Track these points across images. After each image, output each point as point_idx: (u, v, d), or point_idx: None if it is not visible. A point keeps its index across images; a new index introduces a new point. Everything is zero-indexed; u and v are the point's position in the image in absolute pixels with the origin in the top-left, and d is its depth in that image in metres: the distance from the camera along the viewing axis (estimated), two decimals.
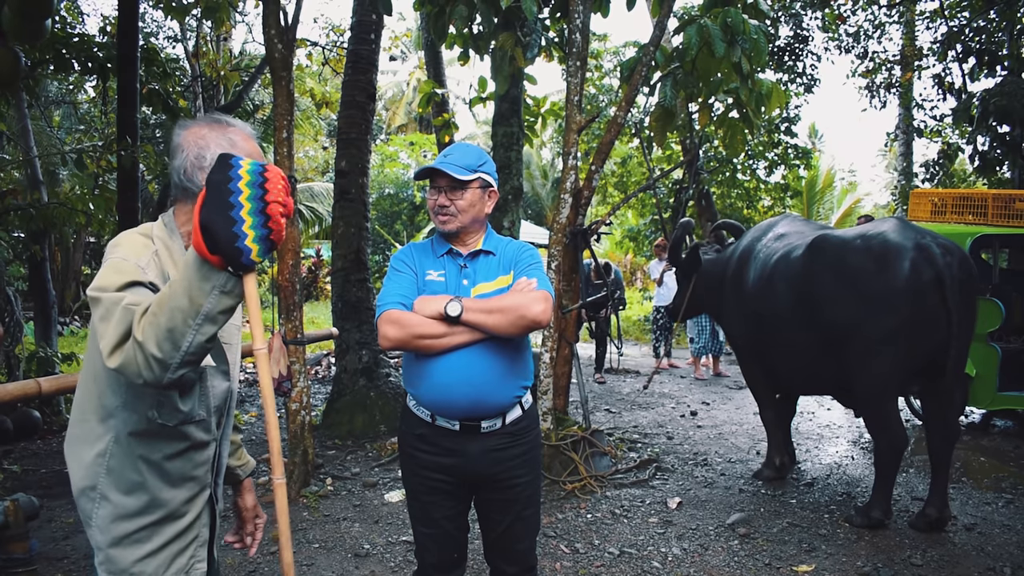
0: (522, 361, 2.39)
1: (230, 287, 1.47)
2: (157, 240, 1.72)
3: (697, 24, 5.03)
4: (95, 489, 1.69)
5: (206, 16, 6.30)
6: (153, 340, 1.41)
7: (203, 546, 1.83)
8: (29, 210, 7.35)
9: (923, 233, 4.22)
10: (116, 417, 1.67)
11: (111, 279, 1.55)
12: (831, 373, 4.53)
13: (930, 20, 13.24)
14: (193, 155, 1.71)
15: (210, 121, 1.78)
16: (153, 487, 1.70)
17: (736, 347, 5.56)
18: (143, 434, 1.68)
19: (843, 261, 4.31)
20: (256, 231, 1.44)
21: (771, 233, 5.20)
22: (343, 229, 6.99)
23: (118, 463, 1.68)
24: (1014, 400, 6.24)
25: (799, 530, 4.37)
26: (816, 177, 20.31)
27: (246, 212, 1.43)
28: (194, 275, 1.43)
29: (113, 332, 1.46)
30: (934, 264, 4.02)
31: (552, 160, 26.31)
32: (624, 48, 15.92)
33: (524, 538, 2.48)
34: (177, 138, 1.75)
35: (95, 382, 1.69)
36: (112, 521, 1.68)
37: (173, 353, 1.42)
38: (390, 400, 6.67)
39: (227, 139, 1.74)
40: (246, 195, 1.44)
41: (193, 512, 1.78)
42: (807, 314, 4.52)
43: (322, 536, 4.27)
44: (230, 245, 1.42)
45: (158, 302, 1.44)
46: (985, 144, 9.87)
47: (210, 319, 1.45)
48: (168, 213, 1.79)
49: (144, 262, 1.64)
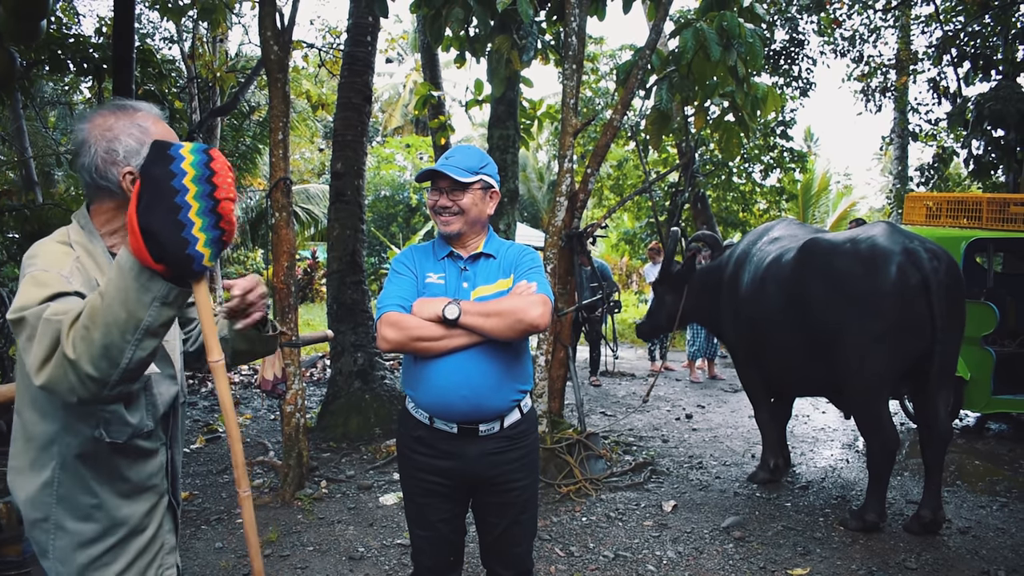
0: (520, 365, 2.39)
1: (172, 297, 1.30)
2: (76, 246, 1.56)
3: (693, 28, 5.04)
4: (48, 520, 1.56)
5: (202, 17, 6.30)
6: (87, 358, 1.26)
7: (171, 552, 1.75)
8: (24, 211, 7.33)
9: (912, 238, 4.26)
10: (58, 443, 1.54)
11: (32, 295, 1.39)
12: (823, 374, 4.57)
13: (925, 24, 13.31)
14: (103, 150, 1.55)
15: (114, 108, 1.61)
16: (110, 507, 1.59)
17: (732, 350, 5.59)
18: (90, 456, 1.55)
19: (832, 264, 4.36)
20: (207, 233, 1.27)
21: (766, 237, 5.24)
22: (339, 231, 6.98)
23: (68, 490, 1.55)
24: (1008, 403, 6.26)
25: (794, 533, 4.37)
26: (812, 180, 20.38)
27: (195, 212, 1.26)
28: (131, 285, 1.26)
29: (38, 348, 1.31)
30: (921, 268, 4.06)
31: (548, 163, 26.32)
32: (620, 51, 15.96)
33: (521, 542, 2.48)
34: (81, 133, 1.57)
35: (31, 409, 1.56)
36: (73, 550, 1.57)
37: (110, 371, 1.28)
38: (385, 403, 6.65)
39: (136, 126, 1.58)
40: (193, 192, 1.26)
41: (155, 523, 1.69)
42: (799, 316, 4.55)
43: (316, 539, 4.26)
44: (180, 252, 1.25)
45: (89, 315, 1.27)
46: (980, 148, 9.90)
47: (151, 333, 1.30)
48: (82, 214, 1.63)
49: (67, 271, 1.48)
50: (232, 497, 4.98)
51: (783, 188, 14.93)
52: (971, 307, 6.22)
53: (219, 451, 6.17)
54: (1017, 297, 6.88)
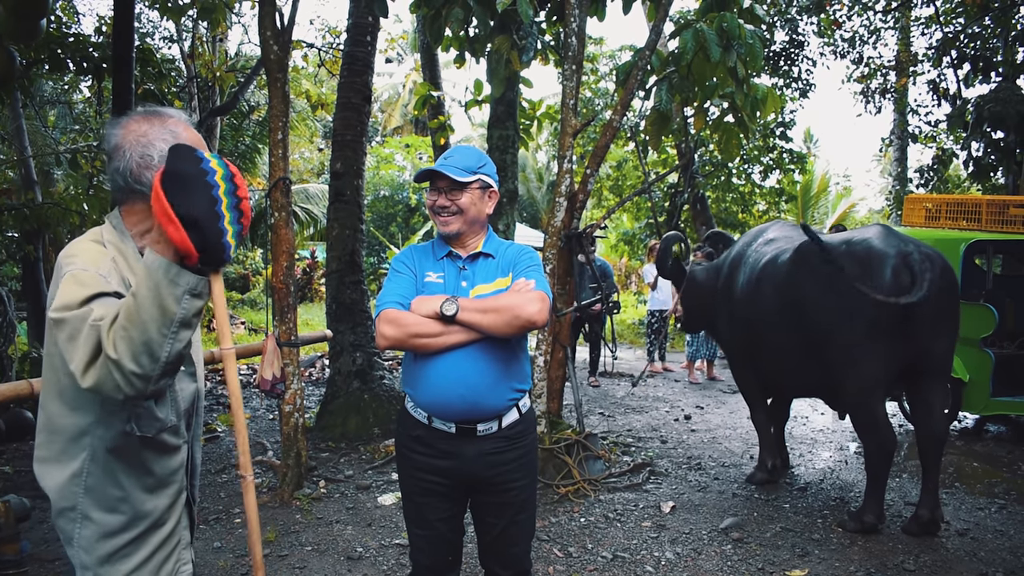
0: (518, 364, 2.39)
1: (200, 288, 1.42)
2: (110, 245, 1.63)
3: (693, 28, 5.04)
4: (75, 510, 1.62)
5: (202, 17, 6.29)
6: (129, 356, 1.35)
7: (187, 548, 1.81)
8: (23, 210, 7.34)
9: (906, 240, 4.27)
10: (90, 435, 1.59)
11: (74, 294, 1.45)
12: (817, 376, 4.58)
13: (925, 26, 13.32)
14: (137, 155, 1.61)
15: (147, 114, 1.68)
16: (135, 500, 1.65)
17: (728, 351, 5.63)
18: (121, 449, 1.61)
19: (826, 266, 4.36)
20: (233, 226, 1.43)
21: (761, 239, 5.26)
22: (338, 231, 6.97)
23: (96, 481, 1.61)
24: (1007, 405, 6.26)
25: (792, 535, 4.37)
26: (811, 182, 20.38)
27: (225, 207, 1.42)
28: (161, 280, 1.37)
29: (83, 351, 1.39)
30: (914, 271, 4.06)
31: (548, 163, 26.33)
32: (620, 52, 15.96)
33: (519, 542, 2.48)
34: (115, 138, 1.64)
35: (60, 401, 1.61)
36: (97, 540, 1.63)
37: (153, 366, 1.37)
38: (384, 402, 6.65)
39: (169, 132, 1.65)
40: (223, 189, 1.42)
41: (174, 517, 1.75)
42: (794, 317, 4.57)
43: (315, 539, 4.26)
44: (219, 240, 1.39)
45: (126, 315, 1.36)
46: (979, 150, 9.92)
47: (185, 324, 1.40)
48: (115, 215, 1.69)
49: (105, 270, 1.55)
50: (230, 497, 4.97)
51: (782, 189, 14.94)
52: (970, 309, 6.27)
53: (217, 451, 6.17)
54: (1016, 299, 6.88)
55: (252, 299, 19.35)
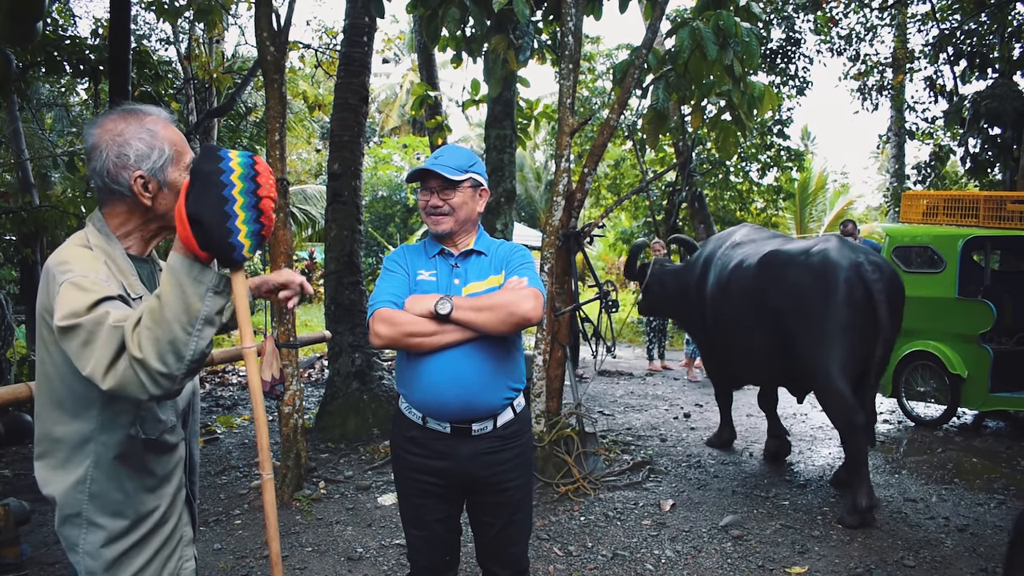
0: (512, 362, 2.38)
1: (222, 286, 1.43)
2: (97, 249, 1.59)
3: (689, 27, 5.04)
4: (80, 516, 1.60)
5: (198, 18, 6.30)
6: (155, 355, 1.35)
7: (189, 545, 1.81)
8: (20, 213, 7.34)
9: (858, 251, 4.78)
10: (94, 441, 1.58)
11: (80, 300, 1.43)
12: (779, 368, 5.17)
13: (922, 23, 13.33)
14: (114, 154, 1.58)
15: (124, 113, 1.64)
16: (138, 502, 1.64)
17: (699, 343, 6.31)
18: (127, 453, 1.60)
19: (787, 275, 4.88)
20: (249, 226, 1.41)
21: (729, 241, 5.77)
22: (336, 232, 6.97)
23: (100, 487, 1.60)
24: (1006, 401, 6.27)
25: (792, 532, 4.37)
26: (809, 179, 20.42)
27: (239, 206, 1.40)
28: (184, 279, 1.38)
29: (102, 353, 1.38)
30: (864, 280, 4.59)
31: (545, 163, 26.34)
32: (617, 51, 15.96)
33: (516, 541, 2.48)
34: (92, 138, 1.60)
35: (59, 410, 1.58)
36: (103, 545, 1.61)
37: (178, 364, 1.38)
38: (383, 403, 6.66)
39: (146, 130, 1.61)
40: (239, 188, 1.41)
41: (176, 515, 1.75)
42: (759, 318, 5.06)
43: (315, 540, 4.26)
44: (223, 240, 1.38)
45: (151, 315, 1.37)
46: (976, 146, 9.93)
47: (208, 322, 1.41)
48: (97, 217, 1.65)
49: (103, 275, 1.52)
50: (230, 499, 4.97)
51: (780, 187, 14.96)
52: (968, 305, 6.32)
53: (217, 452, 6.17)
54: (1014, 295, 6.88)
55: (251, 300, 19.33)
